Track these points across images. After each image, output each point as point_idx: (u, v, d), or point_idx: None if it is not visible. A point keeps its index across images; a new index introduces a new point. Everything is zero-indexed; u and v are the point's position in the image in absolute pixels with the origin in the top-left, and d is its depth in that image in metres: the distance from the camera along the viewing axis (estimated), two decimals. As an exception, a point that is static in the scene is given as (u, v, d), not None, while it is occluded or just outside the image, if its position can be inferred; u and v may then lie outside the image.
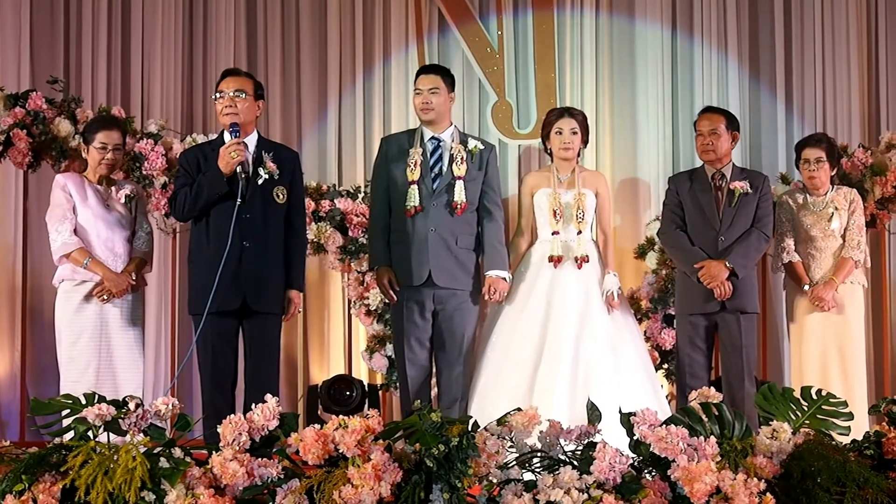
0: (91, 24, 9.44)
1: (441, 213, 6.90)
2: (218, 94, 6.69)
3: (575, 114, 7.39)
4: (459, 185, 6.91)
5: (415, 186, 6.89)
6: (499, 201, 7.13)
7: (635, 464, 4.49)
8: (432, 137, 7.02)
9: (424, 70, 7.26)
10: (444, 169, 6.96)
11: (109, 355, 6.90)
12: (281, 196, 6.65)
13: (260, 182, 6.56)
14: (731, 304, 7.28)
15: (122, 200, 7.08)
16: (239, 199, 6.45)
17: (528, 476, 4.51)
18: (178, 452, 4.45)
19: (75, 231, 6.89)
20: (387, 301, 7.12)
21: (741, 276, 7.26)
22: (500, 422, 4.51)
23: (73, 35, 9.47)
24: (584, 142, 7.38)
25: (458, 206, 6.89)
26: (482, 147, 7.07)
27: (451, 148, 6.99)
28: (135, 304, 7.07)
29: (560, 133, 7.28)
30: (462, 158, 6.95)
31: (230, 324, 6.60)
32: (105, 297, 6.88)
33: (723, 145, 7.45)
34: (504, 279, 6.99)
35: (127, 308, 7.00)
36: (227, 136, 6.63)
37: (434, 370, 7.10)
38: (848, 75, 9.50)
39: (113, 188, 7.11)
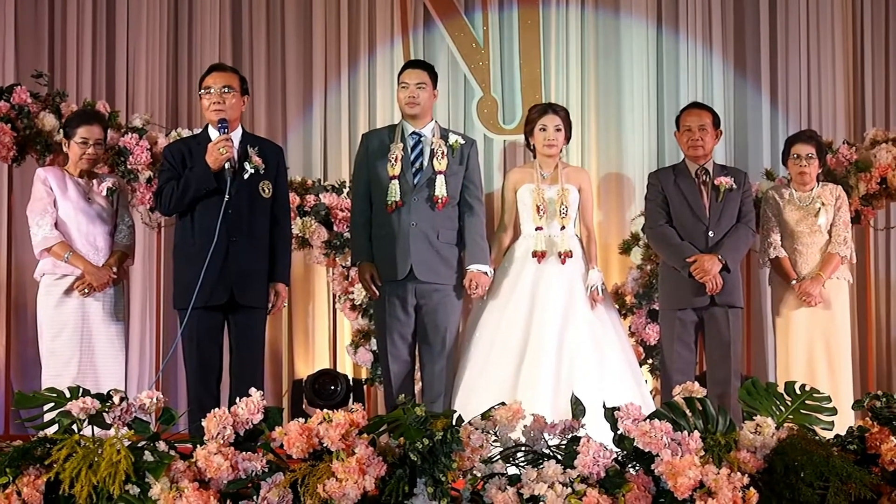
0: (76, 18, 9.42)
1: (422, 207, 6.89)
2: (204, 90, 6.67)
3: (558, 110, 7.38)
4: (440, 179, 6.90)
5: (396, 182, 6.88)
6: (480, 196, 7.12)
7: (619, 458, 4.50)
8: (413, 132, 7.01)
9: (411, 65, 7.24)
10: (425, 164, 6.94)
11: (91, 349, 6.88)
12: (266, 191, 6.64)
13: (246, 177, 6.54)
14: (720, 299, 7.27)
15: (104, 193, 7.06)
16: (227, 196, 6.43)
17: (512, 470, 4.53)
18: (162, 446, 4.46)
19: (56, 225, 6.86)
20: (370, 296, 7.11)
21: (732, 270, 7.27)
22: (485, 416, 4.52)
23: (58, 29, 9.45)
24: (567, 138, 7.38)
25: (440, 201, 6.88)
26: (463, 142, 7.06)
27: (432, 143, 6.97)
28: (116, 297, 7.04)
29: (544, 129, 7.27)
30: (443, 153, 6.94)
31: (216, 318, 6.57)
32: (86, 291, 6.87)
33: (710, 141, 7.47)
34: (485, 273, 6.98)
35: (108, 302, 6.97)
36: (212, 132, 6.62)
37: (417, 365, 7.10)
38: (833, 72, 9.52)
39: (94, 181, 7.09)
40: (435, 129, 7.05)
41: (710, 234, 7.32)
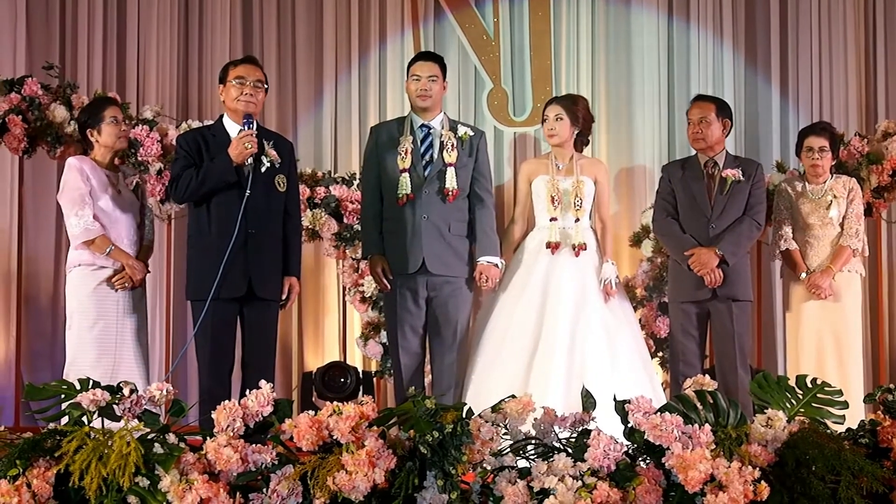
0: (87, 10, 9.43)
1: (433, 200, 6.89)
2: (236, 80, 6.65)
3: (562, 100, 7.39)
4: (450, 171, 6.89)
5: (406, 174, 6.87)
6: (490, 187, 7.12)
7: (630, 451, 4.49)
8: (422, 125, 7.00)
9: (423, 56, 7.20)
10: (435, 156, 6.94)
11: (123, 342, 6.85)
12: (281, 184, 6.65)
13: (263, 170, 6.55)
14: (722, 292, 7.27)
15: (131, 188, 7.06)
16: (248, 191, 6.44)
17: (522, 463, 4.52)
18: (172, 438, 4.46)
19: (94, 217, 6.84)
20: (381, 289, 7.11)
21: (731, 264, 7.25)
22: (495, 409, 4.52)
23: (69, 21, 9.46)
24: (580, 128, 7.30)
25: (450, 193, 6.87)
26: (472, 133, 7.06)
27: (442, 135, 6.96)
28: (142, 292, 7.05)
29: (546, 120, 7.28)
30: (452, 145, 6.93)
31: (231, 310, 6.58)
32: (126, 286, 6.86)
33: (713, 133, 7.43)
34: (495, 265, 6.97)
35: (137, 296, 6.97)
36: (228, 124, 6.65)
37: (428, 357, 7.09)
38: (844, 63, 9.49)
39: (120, 174, 7.08)
40: (444, 121, 7.04)
41: (713, 226, 7.32)
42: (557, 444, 4.57)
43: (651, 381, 6.99)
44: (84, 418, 4.51)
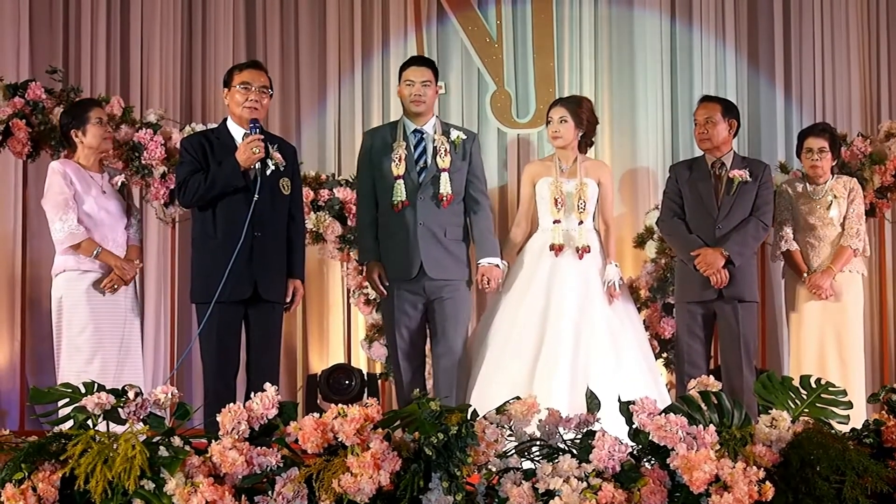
0: (90, 13, 9.43)
1: (428, 206, 6.89)
2: (241, 85, 6.65)
3: (567, 102, 7.37)
4: (444, 177, 6.90)
5: (400, 181, 6.87)
6: (484, 189, 7.12)
7: (634, 452, 4.49)
8: (415, 130, 7.00)
9: (416, 62, 7.18)
10: (429, 162, 6.93)
11: (114, 346, 6.85)
12: (286, 188, 6.66)
13: (268, 173, 6.55)
14: (728, 293, 7.27)
15: (117, 187, 7.06)
16: (256, 195, 6.45)
17: (527, 465, 4.52)
18: (177, 441, 4.46)
19: (78, 220, 6.83)
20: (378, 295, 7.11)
21: (738, 264, 7.25)
22: (499, 410, 4.51)
23: (73, 25, 9.46)
24: (584, 130, 7.28)
25: (444, 199, 6.87)
26: (465, 137, 7.05)
27: (435, 140, 6.96)
28: (134, 294, 7.05)
29: (550, 122, 7.28)
30: (446, 150, 6.92)
31: (237, 312, 6.58)
32: (116, 287, 6.86)
33: (719, 134, 7.43)
34: (497, 266, 6.97)
35: (129, 298, 6.96)
36: (233, 128, 6.65)
37: (429, 360, 7.10)
38: (848, 63, 9.49)
39: (105, 174, 7.07)
40: (436, 126, 7.04)
41: (719, 226, 7.31)
42: (562, 446, 4.57)
43: (655, 382, 7.00)
44: (89, 422, 4.51)
